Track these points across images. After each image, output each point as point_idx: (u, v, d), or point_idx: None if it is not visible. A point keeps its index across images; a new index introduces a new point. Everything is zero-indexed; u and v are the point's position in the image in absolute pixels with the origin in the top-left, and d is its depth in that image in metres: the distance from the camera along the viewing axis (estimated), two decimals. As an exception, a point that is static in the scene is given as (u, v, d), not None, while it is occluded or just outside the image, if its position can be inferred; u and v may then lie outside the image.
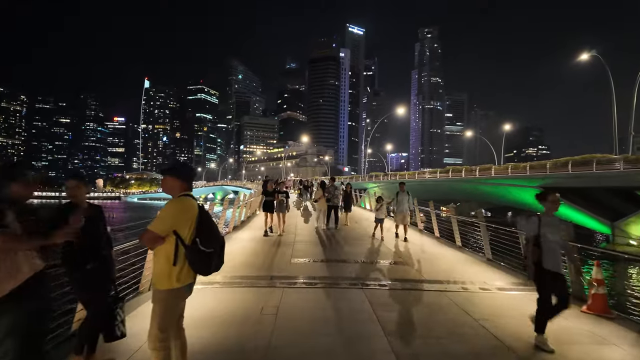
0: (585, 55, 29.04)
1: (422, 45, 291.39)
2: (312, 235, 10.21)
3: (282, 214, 10.08)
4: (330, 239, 9.63)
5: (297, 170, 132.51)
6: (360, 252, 7.79)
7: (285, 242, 8.71)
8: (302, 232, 10.61)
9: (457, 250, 8.38)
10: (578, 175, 26.27)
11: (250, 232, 10.55)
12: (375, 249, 8.27)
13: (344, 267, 6.27)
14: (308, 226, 11.96)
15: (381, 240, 9.30)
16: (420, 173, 46.50)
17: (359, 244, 8.87)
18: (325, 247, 8.31)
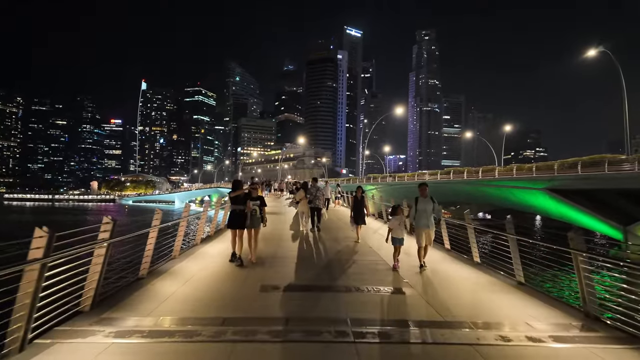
0: (593, 52, 27.61)
1: (419, 47, 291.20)
2: (298, 246, 8.55)
3: (254, 231, 6.90)
4: (321, 253, 7.89)
5: (294, 172, 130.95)
6: (352, 273, 6.17)
7: (261, 257, 7.05)
8: (286, 244, 8.91)
9: (475, 269, 6.68)
10: (588, 176, 24.80)
11: (223, 244, 8.57)
12: (371, 268, 6.65)
13: (330, 301, 4.67)
14: (295, 233, 10.38)
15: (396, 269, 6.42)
16: (420, 174, 45.02)
17: (352, 259, 7.22)
18: (311, 266, 6.68)
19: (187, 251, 7.53)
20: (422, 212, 6.49)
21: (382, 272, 6.29)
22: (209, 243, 8.59)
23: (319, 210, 11.33)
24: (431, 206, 6.55)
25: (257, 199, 7.05)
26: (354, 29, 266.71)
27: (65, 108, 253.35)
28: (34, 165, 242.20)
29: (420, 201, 6.58)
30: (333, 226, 12.98)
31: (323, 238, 9.97)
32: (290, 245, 8.69)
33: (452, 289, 5.33)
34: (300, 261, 7.05)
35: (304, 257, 7.47)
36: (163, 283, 5.23)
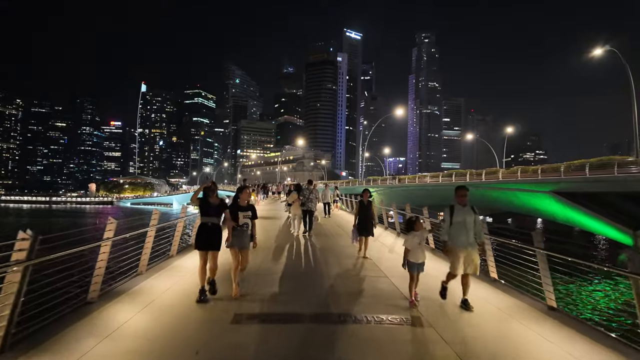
0: (600, 51, 26.77)
1: (419, 50, 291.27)
2: (287, 257, 7.57)
3: (241, 253, 5.07)
4: (314, 269, 6.76)
5: (293, 175, 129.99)
6: (350, 297, 5.19)
7: None
8: (274, 255, 7.86)
9: (494, 288, 5.63)
10: (597, 179, 23.88)
11: None
12: (374, 290, 5.68)
13: (320, 336, 3.71)
14: (286, 240, 9.44)
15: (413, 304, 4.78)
16: (421, 177, 44.06)
17: (351, 278, 6.23)
18: (301, 286, 5.68)
19: (159, 265, 6.47)
20: (460, 225, 4.76)
21: (387, 295, 5.14)
22: (187, 254, 7.52)
23: (312, 213, 11.01)
24: (472, 217, 4.78)
25: (247, 209, 5.12)
26: (353, 32, 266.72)
27: (65, 110, 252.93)
28: (33, 167, 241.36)
29: (458, 211, 4.82)
30: (331, 232, 12.02)
31: (318, 248, 8.93)
32: (279, 257, 7.67)
33: (472, 316, 4.38)
34: (288, 278, 5.97)
35: (293, 273, 6.38)
36: (116, 309, 4.27)
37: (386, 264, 7.04)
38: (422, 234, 5.06)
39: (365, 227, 7.80)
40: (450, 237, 4.82)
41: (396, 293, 5.26)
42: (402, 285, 5.57)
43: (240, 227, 5.01)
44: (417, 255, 4.94)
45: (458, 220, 4.79)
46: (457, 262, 4.72)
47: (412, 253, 4.95)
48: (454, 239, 4.78)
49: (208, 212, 4.85)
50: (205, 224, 4.84)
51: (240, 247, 5.01)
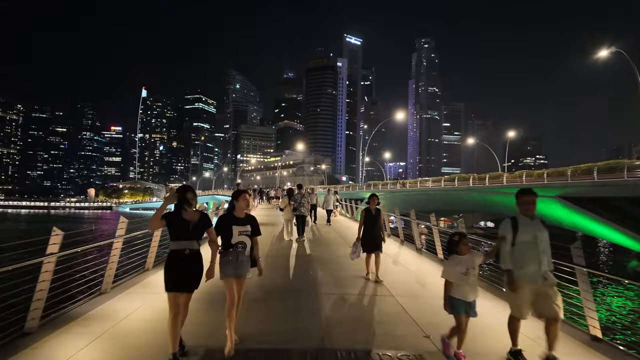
0: (605, 52, 26.10)
1: (419, 55, 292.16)
2: (276, 274, 6.69)
3: (236, 283, 3.59)
4: (310, 294, 5.42)
5: (293, 179, 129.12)
6: (349, 319, 4.39)
7: (214, 295, 4.55)
8: (265, 268, 7.03)
9: None
10: (606, 183, 23.10)
11: None
12: (374, 306, 4.88)
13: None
14: (278, 251, 8.62)
15: None
16: (423, 181, 43.23)
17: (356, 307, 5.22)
18: (291, 309, 4.78)
19: (130, 281, 5.57)
20: (528, 246, 3.29)
21: (394, 321, 4.17)
22: None
23: (304, 218, 10.86)
24: (545, 234, 3.37)
25: (245, 222, 3.67)
26: (353, 37, 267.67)
27: (65, 115, 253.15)
28: (33, 173, 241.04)
29: (525, 225, 3.34)
30: (328, 240, 11.20)
31: (314, 259, 8.07)
32: (268, 271, 6.79)
33: (504, 344, 3.54)
34: (276, 299, 4.99)
35: (283, 291, 5.38)
36: (59, 341, 3.45)
37: (390, 278, 6.20)
38: (470, 260, 3.40)
39: (374, 242, 6.24)
40: (515, 264, 3.29)
41: (404, 318, 4.40)
42: (411, 307, 4.75)
43: (234, 249, 3.53)
44: (464, 290, 3.36)
45: (525, 240, 3.28)
46: (523, 304, 3.27)
47: (456, 287, 3.40)
48: (521, 267, 3.27)
49: (182, 233, 3.27)
50: (179, 252, 3.25)
51: (237, 276, 3.53)
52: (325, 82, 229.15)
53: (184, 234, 3.28)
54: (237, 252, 3.56)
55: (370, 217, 6.50)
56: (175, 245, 3.29)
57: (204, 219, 3.39)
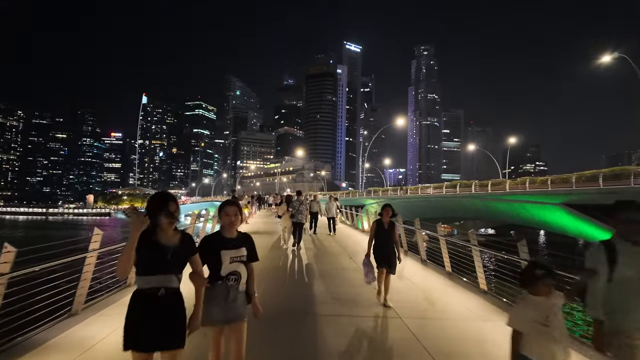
0: (608, 57, 25.84)
1: (418, 62, 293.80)
2: (276, 288, 6.18)
3: (233, 331, 2.61)
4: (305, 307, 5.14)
5: (293, 186, 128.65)
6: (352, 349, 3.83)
7: None
8: (259, 284, 6.47)
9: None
10: (612, 190, 22.59)
11: None
12: (381, 331, 4.33)
13: None
14: (277, 260, 8.06)
15: None
16: (424, 188, 42.72)
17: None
18: (283, 336, 4.22)
19: (106, 300, 5.00)
20: (633, 285, 2.26)
21: (404, 353, 3.59)
22: None
23: (301, 225, 10.73)
24: None
25: (238, 244, 2.70)
26: (353, 44, 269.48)
27: (65, 121, 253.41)
28: (33, 179, 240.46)
29: (628, 253, 2.28)
30: (328, 250, 10.65)
31: (315, 276, 7.53)
32: (263, 288, 6.22)
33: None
34: (267, 330, 4.04)
35: (278, 318, 4.49)
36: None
37: (396, 296, 5.61)
38: (550, 303, 2.19)
39: (387, 259, 5.37)
40: (610, 310, 2.29)
41: (414, 347, 3.80)
42: (421, 332, 4.20)
43: (224, 282, 2.56)
44: (543, 347, 2.13)
45: (630, 276, 2.25)
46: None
47: (529, 342, 2.17)
48: (621, 314, 2.26)
49: (155, 264, 2.24)
50: (149, 292, 2.22)
51: (229, 321, 2.57)
52: (325, 89, 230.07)
53: (159, 264, 2.21)
54: (229, 286, 2.54)
55: (381, 231, 5.53)
56: (144, 282, 2.21)
57: (186, 242, 2.37)
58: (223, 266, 2.57)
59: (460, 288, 6.36)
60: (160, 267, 2.21)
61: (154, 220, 2.23)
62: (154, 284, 2.19)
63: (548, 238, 58.90)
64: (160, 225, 2.24)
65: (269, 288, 6.06)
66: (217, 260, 2.57)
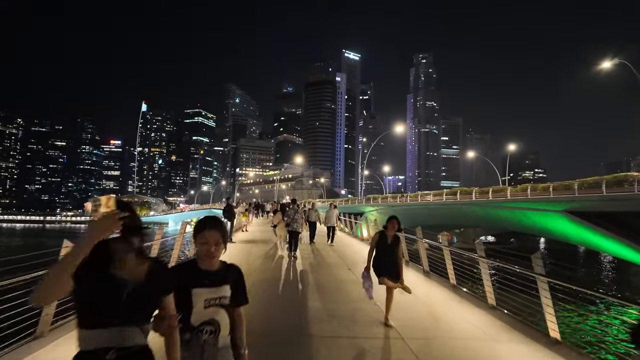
0: (608, 64, 25.74)
1: (417, 70, 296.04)
2: (269, 303, 5.76)
3: None
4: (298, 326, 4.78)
5: (292, 193, 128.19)
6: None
7: None
8: (253, 298, 6.10)
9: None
10: (615, 197, 22.25)
11: None
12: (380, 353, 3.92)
13: None
14: (271, 271, 7.64)
15: None
16: (423, 195, 42.30)
17: None
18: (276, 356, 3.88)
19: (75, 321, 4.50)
20: None
21: None
22: None
23: (297, 234, 10.60)
24: None
25: (219, 280, 1.88)
26: (352, 53, 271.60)
27: (65, 129, 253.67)
28: (32, 186, 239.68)
29: None
30: (324, 260, 10.23)
31: (310, 290, 7.10)
32: (256, 303, 5.86)
33: None
34: (255, 352, 3.80)
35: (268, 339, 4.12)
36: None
37: (398, 313, 5.15)
38: None
39: (387, 270, 4.89)
40: None
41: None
42: (426, 356, 3.80)
43: (194, 336, 1.77)
44: None
45: None
46: None
47: None
48: None
49: (107, 309, 1.39)
50: (95, 356, 1.37)
51: None
52: (324, 97, 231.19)
53: (110, 311, 1.39)
54: (202, 342, 1.76)
55: (384, 245, 4.97)
56: (89, 339, 1.38)
57: (157, 276, 1.56)
58: (194, 311, 1.77)
59: (466, 302, 5.94)
60: (112, 314, 1.39)
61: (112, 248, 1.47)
62: (103, 342, 1.37)
63: (548, 245, 58.51)
64: (115, 251, 1.46)
65: (261, 302, 5.65)
66: (187, 302, 1.77)
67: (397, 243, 5.06)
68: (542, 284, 4.34)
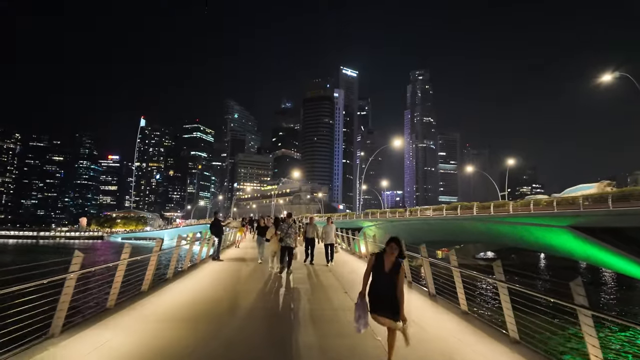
0: (609, 77, 25.50)
1: (413, 86, 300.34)
2: (252, 346, 4.90)
3: None
4: None
5: (290, 208, 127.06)
6: None
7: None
8: (235, 336, 5.22)
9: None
10: (622, 212, 21.53)
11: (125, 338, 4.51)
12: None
13: None
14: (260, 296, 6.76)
15: None
16: (423, 210, 41.45)
17: None
18: None
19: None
20: None
21: None
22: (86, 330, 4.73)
23: (291, 249, 10.16)
24: None
25: None
26: (349, 69, 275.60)
27: (63, 144, 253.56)
28: (27, 202, 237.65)
29: None
30: (323, 283, 9.32)
31: (301, 320, 6.20)
32: (231, 336, 5.03)
33: None
34: None
35: None
36: None
37: (402, 350, 4.35)
38: None
39: (385, 301, 3.96)
40: None
41: None
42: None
43: None
44: None
45: None
46: None
47: None
48: None
49: None
50: None
51: None
52: (323, 112, 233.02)
53: None
54: None
55: (380, 273, 4.03)
56: None
57: None
58: None
59: (482, 335, 5.06)
60: None
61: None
62: None
63: (548, 262, 57.57)
64: None
65: (243, 331, 4.77)
66: None
67: (397, 271, 3.99)
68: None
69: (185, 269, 10.05)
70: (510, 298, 4.93)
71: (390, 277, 3.95)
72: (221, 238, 13.06)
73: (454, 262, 6.48)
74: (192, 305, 6.29)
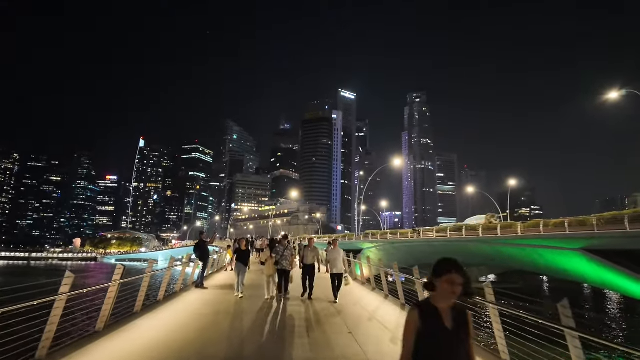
0: (615, 94, 24.88)
1: (411, 108, 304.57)
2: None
3: None
4: None
5: (288, 229, 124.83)
6: None
7: None
8: None
9: None
10: (639, 234, 20.34)
11: None
12: None
13: None
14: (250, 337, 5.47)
15: None
16: (426, 231, 40.10)
17: None
18: None
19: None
20: None
21: None
22: None
23: (287, 273, 9.72)
24: None
25: None
26: (347, 92, 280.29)
27: (61, 164, 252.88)
28: (23, 222, 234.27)
29: None
30: (321, 321, 7.94)
31: None
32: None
33: None
34: None
35: None
36: None
37: None
38: None
39: None
40: None
41: None
42: None
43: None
44: None
45: None
46: None
47: None
48: None
49: None
50: None
51: None
52: (321, 133, 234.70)
53: None
54: None
55: (434, 334, 2.07)
56: None
57: None
58: None
59: None
60: None
61: None
62: None
63: (552, 284, 55.88)
64: None
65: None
66: None
67: (464, 324, 2.12)
68: None
69: (161, 299, 8.61)
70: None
71: (454, 336, 2.08)
72: (206, 262, 11.57)
73: (490, 297, 5.22)
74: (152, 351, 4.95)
